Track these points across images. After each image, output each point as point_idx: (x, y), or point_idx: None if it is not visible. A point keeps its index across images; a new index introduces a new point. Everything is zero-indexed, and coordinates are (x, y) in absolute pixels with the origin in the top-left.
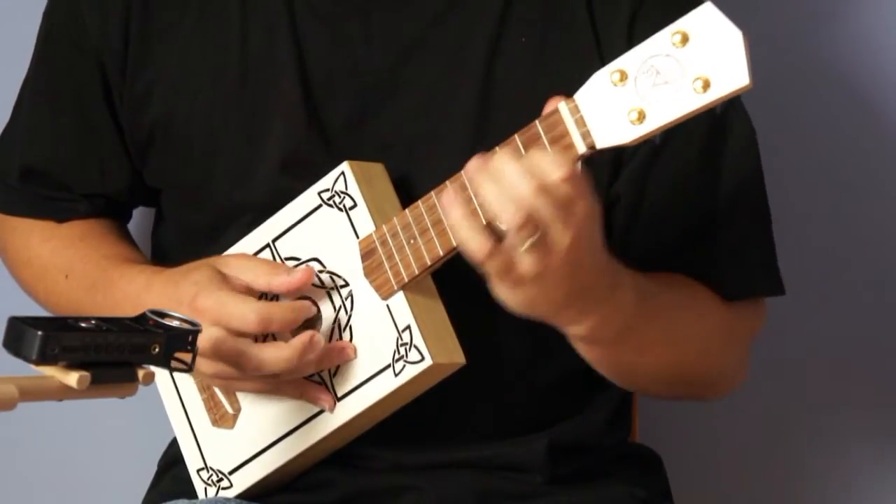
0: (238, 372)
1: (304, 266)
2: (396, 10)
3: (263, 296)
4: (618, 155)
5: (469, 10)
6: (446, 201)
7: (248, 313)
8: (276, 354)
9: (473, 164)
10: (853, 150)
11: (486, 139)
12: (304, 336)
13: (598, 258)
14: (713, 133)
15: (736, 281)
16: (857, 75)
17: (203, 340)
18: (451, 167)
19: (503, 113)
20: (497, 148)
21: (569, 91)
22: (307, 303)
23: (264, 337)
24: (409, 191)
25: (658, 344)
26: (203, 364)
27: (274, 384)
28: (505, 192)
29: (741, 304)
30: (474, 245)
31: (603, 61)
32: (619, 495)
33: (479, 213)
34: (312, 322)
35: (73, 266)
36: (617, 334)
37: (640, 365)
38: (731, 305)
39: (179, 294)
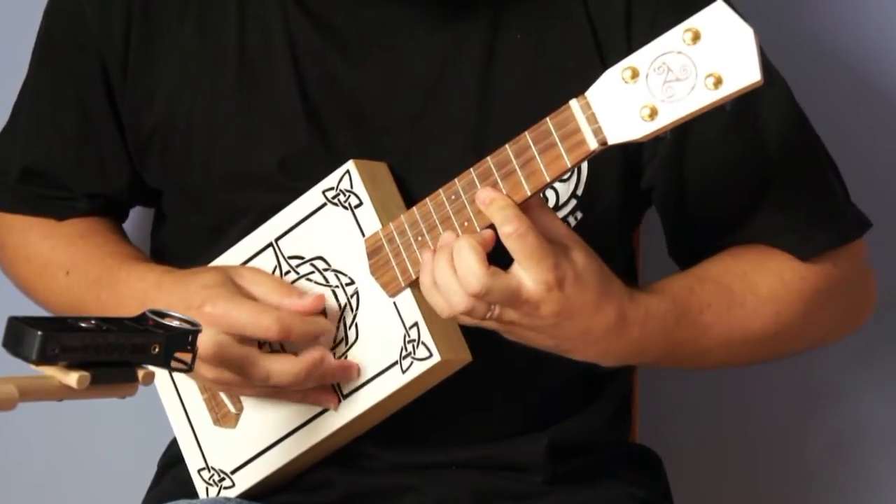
0: (241, 379)
1: (316, 293)
2: (389, 11)
3: None
4: (624, 151)
5: (464, 9)
6: (423, 259)
7: (267, 322)
8: (285, 367)
9: (445, 238)
10: (859, 144)
11: (486, 137)
12: (316, 352)
13: (588, 314)
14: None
15: (804, 240)
16: (865, 67)
17: (206, 345)
18: (451, 166)
19: (502, 111)
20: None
21: (567, 87)
22: (325, 320)
23: (270, 347)
24: (408, 190)
25: (718, 349)
26: (204, 368)
27: (276, 391)
28: (454, 284)
29: (825, 256)
30: (438, 308)
31: (601, 55)
32: (618, 495)
33: None
34: None
35: (74, 263)
36: (657, 360)
37: (704, 364)
38: (814, 262)
39: (189, 297)
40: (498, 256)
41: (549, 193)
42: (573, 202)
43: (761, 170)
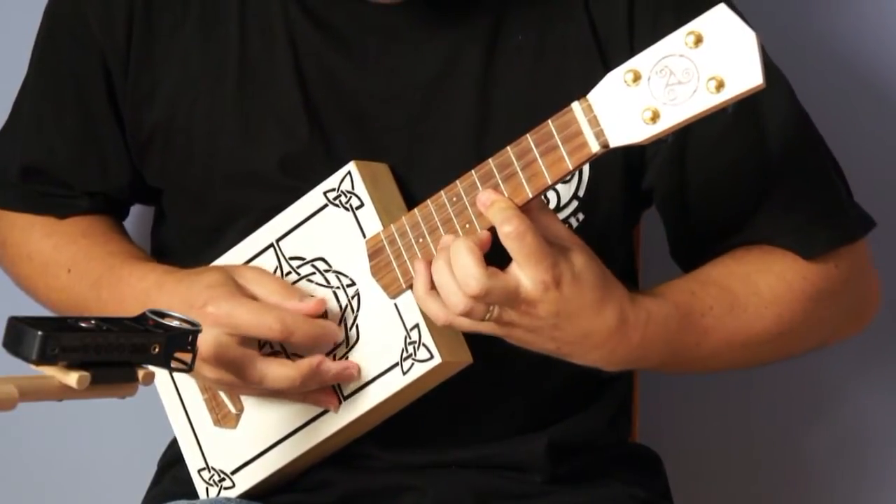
0: (239, 380)
1: (318, 298)
2: (390, 12)
3: None
4: (625, 152)
5: (465, 11)
6: (416, 269)
7: (270, 321)
8: (280, 372)
9: (445, 240)
10: (862, 143)
11: (487, 139)
12: (313, 360)
13: (588, 316)
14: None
15: (807, 240)
16: (868, 66)
17: (207, 346)
18: (452, 168)
19: (503, 112)
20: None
21: (569, 88)
22: (329, 322)
23: (271, 349)
24: (409, 191)
25: (720, 352)
26: (205, 368)
27: (277, 392)
28: (453, 286)
29: (827, 256)
30: (433, 316)
31: (603, 57)
32: (618, 495)
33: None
34: None
35: (76, 261)
36: (658, 364)
37: (706, 368)
38: (817, 262)
39: (191, 297)
40: (496, 257)
41: (551, 195)
42: (575, 203)
43: (763, 169)
